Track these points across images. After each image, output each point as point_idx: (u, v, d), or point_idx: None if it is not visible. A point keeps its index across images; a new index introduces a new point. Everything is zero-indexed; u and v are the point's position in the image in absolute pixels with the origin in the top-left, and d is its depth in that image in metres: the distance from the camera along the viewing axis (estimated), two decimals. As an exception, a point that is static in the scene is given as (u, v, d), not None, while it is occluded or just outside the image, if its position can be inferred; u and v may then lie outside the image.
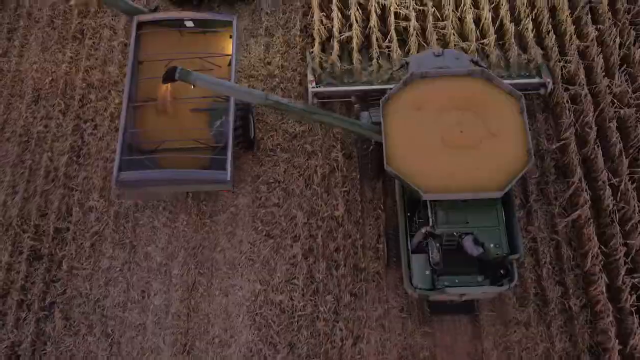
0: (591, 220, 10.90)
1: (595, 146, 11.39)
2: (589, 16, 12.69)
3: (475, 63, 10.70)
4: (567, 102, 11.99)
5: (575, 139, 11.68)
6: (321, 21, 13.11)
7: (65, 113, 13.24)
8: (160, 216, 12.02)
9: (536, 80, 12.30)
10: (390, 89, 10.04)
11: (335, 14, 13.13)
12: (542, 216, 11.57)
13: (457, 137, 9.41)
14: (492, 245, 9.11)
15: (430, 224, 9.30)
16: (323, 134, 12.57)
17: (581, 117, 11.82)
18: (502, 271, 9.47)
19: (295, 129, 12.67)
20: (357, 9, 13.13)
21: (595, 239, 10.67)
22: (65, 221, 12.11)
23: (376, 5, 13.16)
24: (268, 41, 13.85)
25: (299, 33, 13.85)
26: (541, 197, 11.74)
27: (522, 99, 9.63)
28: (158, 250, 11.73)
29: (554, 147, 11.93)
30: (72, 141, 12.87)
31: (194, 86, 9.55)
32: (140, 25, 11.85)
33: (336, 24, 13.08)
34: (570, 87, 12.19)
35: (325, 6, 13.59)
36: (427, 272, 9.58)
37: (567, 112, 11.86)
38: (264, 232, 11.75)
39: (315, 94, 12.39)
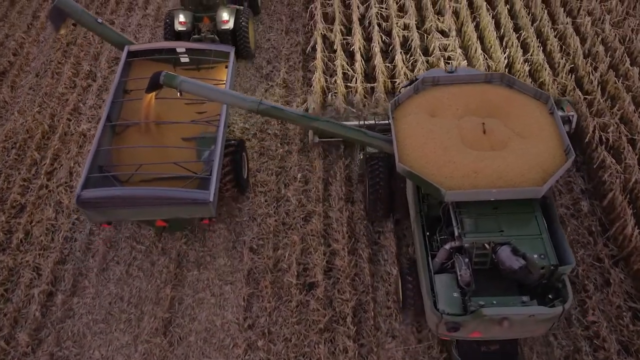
0: None
1: None
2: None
3: None
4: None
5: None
6: (324, 70, 13.28)
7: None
8: None
9: (559, 113, 10.24)
10: (400, 93, 9.06)
11: (339, 56, 13.32)
12: None
13: (479, 139, 8.28)
14: (535, 256, 7.42)
15: (456, 233, 7.85)
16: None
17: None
18: (550, 295, 7.62)
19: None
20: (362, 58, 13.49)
21: None
22: None
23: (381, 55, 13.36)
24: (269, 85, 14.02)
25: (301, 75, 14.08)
26: None
27: (551, 99, 8.77)
28: None
29: None
30: None
31: (180, 93, 9.01)
32: (131, 54, 11.29)
33: (339, 62, 13.16)
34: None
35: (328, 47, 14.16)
36: (455, 295, 7.70)
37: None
38: None
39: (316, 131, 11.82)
